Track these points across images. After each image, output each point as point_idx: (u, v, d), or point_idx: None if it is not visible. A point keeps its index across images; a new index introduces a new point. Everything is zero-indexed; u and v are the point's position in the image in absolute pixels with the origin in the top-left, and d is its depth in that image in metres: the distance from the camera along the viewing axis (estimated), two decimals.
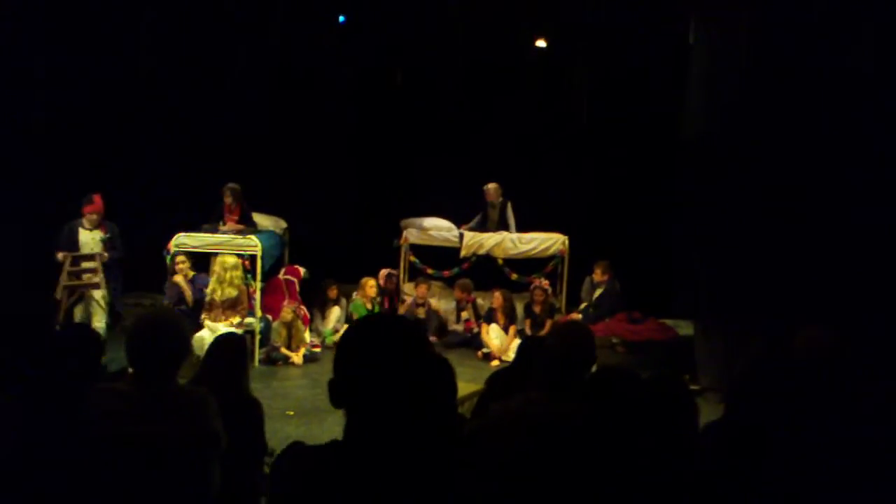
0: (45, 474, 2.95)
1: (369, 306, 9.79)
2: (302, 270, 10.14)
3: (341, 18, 10.58)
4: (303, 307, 9.65)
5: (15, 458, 2.99)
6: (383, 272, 10.26)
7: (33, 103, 8.92)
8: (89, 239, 8.40)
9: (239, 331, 8.26)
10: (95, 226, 8.42)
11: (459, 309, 10.48)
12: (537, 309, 9.94)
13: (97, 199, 8.45)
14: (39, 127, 8.95)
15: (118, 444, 2.95)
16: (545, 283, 10.12)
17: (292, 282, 10.02)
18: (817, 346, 3.38)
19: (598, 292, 9.97)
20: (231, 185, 9.46)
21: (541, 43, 10.92)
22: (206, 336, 8.03)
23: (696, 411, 3.22)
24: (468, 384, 6.49)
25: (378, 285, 10.04)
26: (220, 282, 8.61)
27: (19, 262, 8.20)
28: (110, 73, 9.68)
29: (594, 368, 3.47)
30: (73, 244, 8.32)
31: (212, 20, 9.74)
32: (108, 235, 8.47)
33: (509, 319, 9.81)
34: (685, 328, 9.03)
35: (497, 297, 9.84)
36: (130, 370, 3.28)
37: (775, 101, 6.78)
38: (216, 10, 9.55)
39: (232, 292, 8.63)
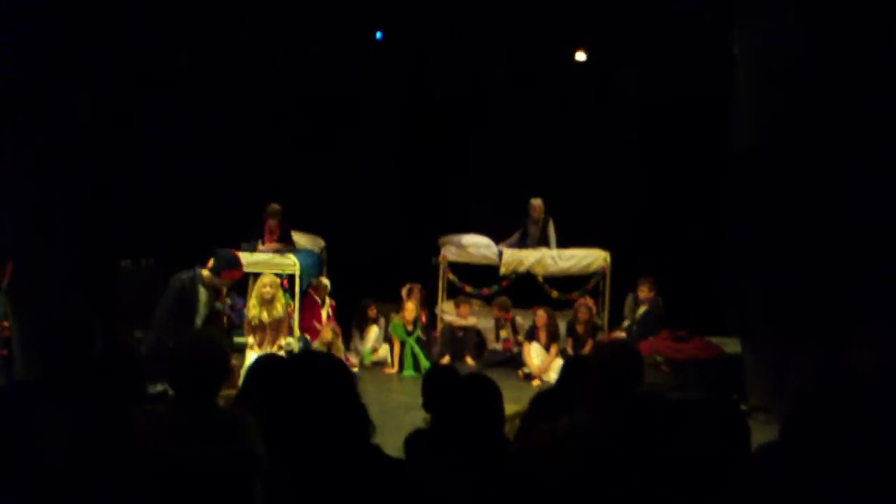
0: (90, 497, 2.93)
1: (409, 328, 9.73)
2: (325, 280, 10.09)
3: (378, 35, 10.60)
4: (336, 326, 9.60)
5: (61, 480, 2.97)
6: (405, 287, 10.20)
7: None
8: (202, 302, 7.16)
9: (280, 352, 8.26)
10: (217, 290, 7.28)
11: (499, 328, 10.39)
12: (580, 327, 9.80)
13: (244, 264, 7.59)
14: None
15: (161, 466, 2.92)
16: (590, 301, 9.97)
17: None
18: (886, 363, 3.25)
19: (641, 310, 9.80)
20: (272, 205, 9.51)
21: (580, 56, 10.83)
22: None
23: (747, 433, 3.10)
24: (510, 405, 6.33)
25: (418, 301, 9.98)
26: (263, 302, 8.51)
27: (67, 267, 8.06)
28: (150, 87, 9.80)
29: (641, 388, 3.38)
30: (191, 302, 7.04)
31: (250, 39, 9.80)
32: (226, 304, 7.69)
33: (552, 338, 9.69)
34: (732, 346, 8.82)
35: (541, 316, 9.72)
36: (171, 392, 3.27)
37: (827, 112, 6.63)
38: (254, 28, 9.60)
39: (278, 312, 8.52)
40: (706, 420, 3.02)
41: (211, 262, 7.18)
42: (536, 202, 10.42)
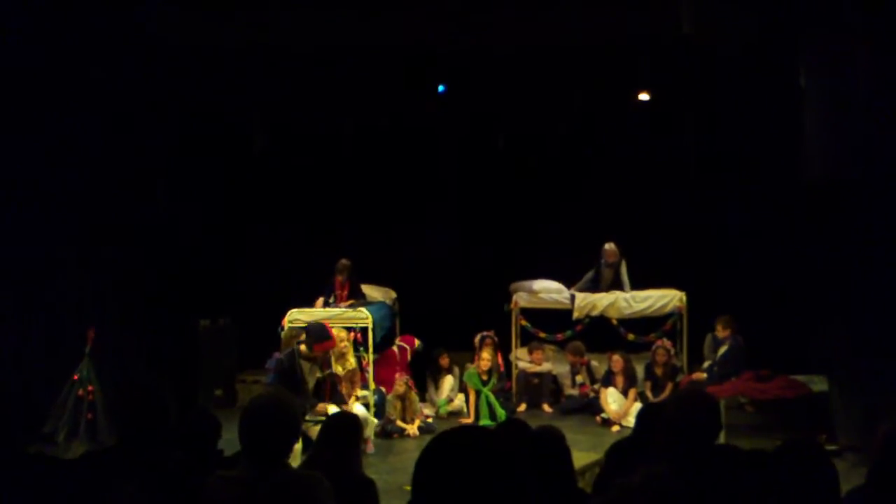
0: None
1: (485, 377, 9.67)
2: (417, 341, 10.15)
3: (441, 88, 10.74)
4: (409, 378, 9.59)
5: None
6: (478, 336, 10.15)
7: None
8: (306, 373, 7.49)
9: (357, 404, 8.31)
10: (318, 364, 7.58)
11: (574, 373, 10.23)
12: (659, 370, 9.59)
13: (333, 334, 7.79)
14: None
15: None
16: (668, 342, 9.75)
17: (405, 349, 10.03)
18: None
19: (722, 349, 9.52)
20: (342, 261, 9.64)
21: (644, 96, 10.76)
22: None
23: (835, 477, 2.96)
24: (588, 453, 6.28)
25: (492, 350, 9.91)
26: (337, 357, 8.64)
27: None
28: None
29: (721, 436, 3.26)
30: (294, 378, 7.28)
31: (314, 90, 10.02)
32: (327, 373, 7.75)
33: (629, 382, 9.49)
34: (819, 384, 8.50)
35: (617, 361, 9.55)
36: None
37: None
38: (320, 80, 9.81)
39: (351, 364, 8.68)
40: (789, 468, 2.90)
41: (303, 337, 7.58)
42: (610, 247, 10.30)
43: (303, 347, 7.52)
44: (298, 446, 6.38)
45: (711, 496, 2.82)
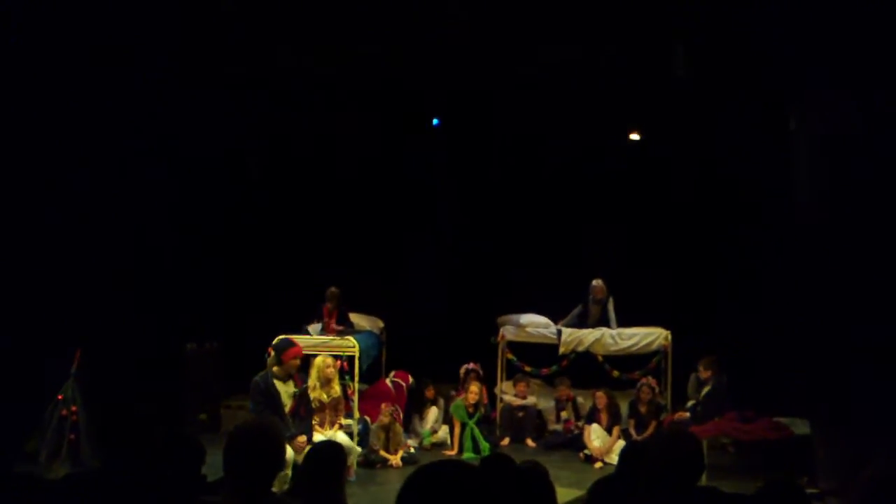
0: None
1: (471, 410, 9.67)
2: (410, 378, 10.18)
3: (435, 121, 10.84)
4: (399, 410, 9.59)
5: None
6: (464, 368, 10.16)
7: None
8: (283, 392, 7.39)
9: (340, 433, 8.29)
10: (291, 376, 7.49)
11: (559, 408, 10.24)
12: (643, 408, 9.61)
13: (297, 341, 7.77)
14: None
15: None
16: (653, 381, 9.78)
17: (400, 386, 10.07)
18: None
19: (705, 389, 9.57)
20: (331, 289, 9.67)
21: (634, 136, 10.89)
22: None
23: None
24: (570, 490, 6.30)
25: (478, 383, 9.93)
26: (323, 383, 8.59)
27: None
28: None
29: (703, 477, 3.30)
30: (273, 398, 7.23)
31: (309, 130, 10.11)
32: (302, 388, 7.67)
33: (613, 419, 9.51)
34: (801, 427, 8.54)
35: (601, 397, 9.57)
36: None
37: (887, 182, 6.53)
38: (314, 120, 9.91)
39: (336, 392, 8.63)
40: None
41: (272, 356, 7.59)
42: (598, 283, 10.35)
43: (275, 368, 7.49)
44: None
45: None
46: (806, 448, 7.83)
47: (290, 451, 6.57)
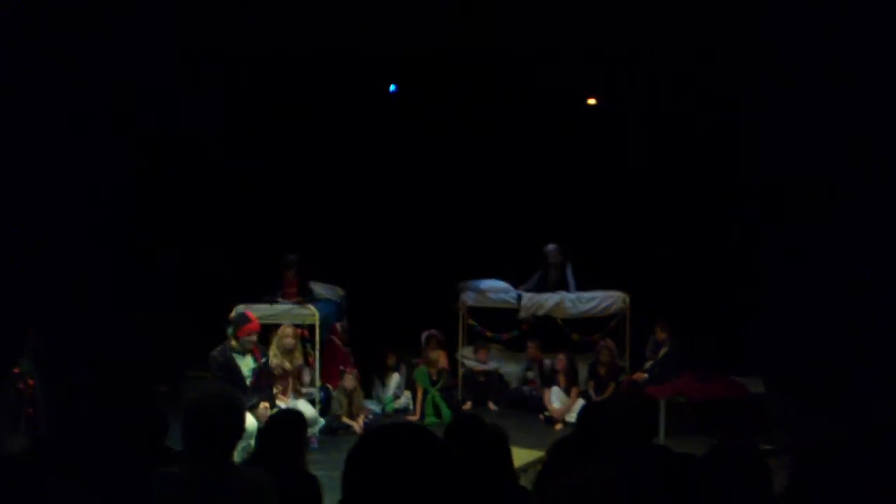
0: None
1: (434, 377, 9.73)
2: (338, 325, 10.04)
3: (392, 87, 10.74)
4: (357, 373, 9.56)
5: None
6: (425, 334, 10.21)
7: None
8: (242, 366, 7.22)
9: (302, 401, 8.30)
10: (248, 350, 7.31)
11: (527, 368, 10.35)
12: (602, 370, 9.74)
13: (253, 316, 7.50)
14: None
15: None
16: (611, 343, 9.90)
17: (335, 342, 9.96)
18: None
19: (662, 351, 9.73)
20: (289, 256, 9.57)
21: (592, 101, 10.91)
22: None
23: (768, 478, 3.06)
24: (530, 451, 6.36)
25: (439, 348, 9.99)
26: (284, 352, 8.56)
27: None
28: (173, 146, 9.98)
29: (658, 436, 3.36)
30: (233, 372, 7.09)
31: (263, 95, 9.95)
32: (262, 362, 7.46)
33: (571, 381, 9.64)
34: (756, 385, 8.73)
35: (560, 360, 9.70)
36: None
37: (854, 145, 6.64)
38: (275, 78, 9.76)
39: (298, 359, 8.65)
40: (721, 468, 2.99)
41: (229, 331, 7.42)
42: (552, 247, 10.40)
43: (232, 343, 7.31)
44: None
45: (646, 496, 2.90)
46: (761, 406, 8.02)
47: (253, 421, 6.54)
